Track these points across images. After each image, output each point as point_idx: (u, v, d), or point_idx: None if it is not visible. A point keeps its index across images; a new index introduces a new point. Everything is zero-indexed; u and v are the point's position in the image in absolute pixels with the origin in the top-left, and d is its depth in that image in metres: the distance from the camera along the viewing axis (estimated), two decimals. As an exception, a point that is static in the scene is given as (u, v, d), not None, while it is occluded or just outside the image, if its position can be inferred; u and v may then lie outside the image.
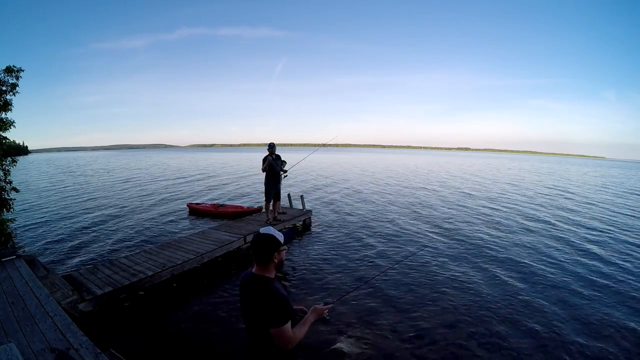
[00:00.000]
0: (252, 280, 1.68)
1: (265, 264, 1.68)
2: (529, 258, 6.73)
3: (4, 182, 6.58)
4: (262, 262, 1.68)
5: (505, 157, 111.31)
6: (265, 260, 1.67)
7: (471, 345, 3.75)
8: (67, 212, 11.25)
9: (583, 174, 33.78)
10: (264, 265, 1.68)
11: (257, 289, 1.63)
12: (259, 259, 1.68)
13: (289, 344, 1.60)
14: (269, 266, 1.69)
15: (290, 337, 1.59)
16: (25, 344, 2.72)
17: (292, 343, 1.61)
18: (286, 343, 1.59)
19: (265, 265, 1.68)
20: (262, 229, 1.75)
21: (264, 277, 1.66)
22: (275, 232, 1.71)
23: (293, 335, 1.61)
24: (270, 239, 1.68)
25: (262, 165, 7.23)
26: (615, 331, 4.11)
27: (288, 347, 1.61)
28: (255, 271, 1.70)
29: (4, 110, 6.37)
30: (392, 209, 11.80)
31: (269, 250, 1.66)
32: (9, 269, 4.36)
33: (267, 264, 1.68)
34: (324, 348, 3.61)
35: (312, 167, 30.84)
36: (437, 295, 5.00)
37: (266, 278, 1.66)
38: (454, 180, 23.09)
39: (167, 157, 61.67)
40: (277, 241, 1.68)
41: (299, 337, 1.65)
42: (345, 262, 6.34)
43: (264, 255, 1.66)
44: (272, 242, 1.68)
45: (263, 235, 1.69)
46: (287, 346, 1.61)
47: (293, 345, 1.63)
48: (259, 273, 1.68)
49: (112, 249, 7.15)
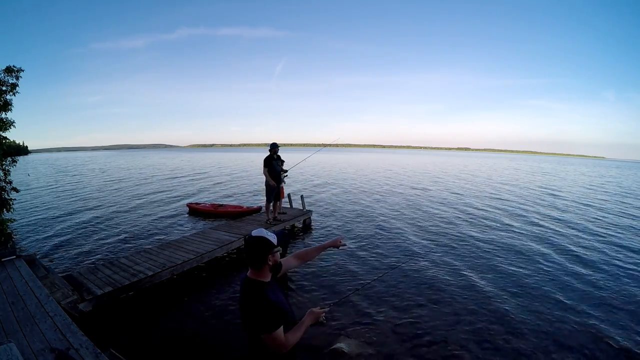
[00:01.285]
0: (246, 284, 1.64)
1: (258, 267, 1.63)
2: (531, 258, 6.73)
3: (4, 182, 6.58)
4: (256, 265, 1.63)
5: (505, 157, 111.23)
6: (259, 263, 1.62)
7: (471, 345, 3.75)
8: (67, 212, 11.24)
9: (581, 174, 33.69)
10: (258, 269, 1.63)
11: (248, 294, 1.60)
12: (252, 262, 1.63)
13: (281, 348, 1.57)
14: (262, 270, 1.64)
15: (282, 342, 1.56)
16: (25, 344, 2.72)
17: (285, 348, 1.58)
18: (278, 348, 1.57)
19: (258, 269, 1.63)
20: (254, 231, 1.67)
21: (257, 282, 1.62)
22: (267, 234, 1.64)
23: (285, 340, 1.57)
24: (262, 241, 1.61)
25: (265, 168, 7.20)
26: (614, 330, 4.11)
27: (281, 351, 1.58)
28: (249, 275, 1.65)
29: (4, 110, 6.37)
30: (393, 209, 11.80)
31: (261, 254, 1.61)
32: (9, 269, 4.37)
33: (260, 268, 1.63)
34: (324, 348, 3.61)
35: (312, 167, 30.82)
36: (437, 296, 4.99)
37: (259, 283, 1.62)
38: (456, 180, 23.08)
39: (167, 157, 61.63)
40: (269, 243, 1.62)
41: (293, 341, 1.62)
42: (345, 262, 6.33)
43: (257, 259, 1.61)
44: (265, 244, 1.61)
45: (254, 238, 1.62)
46: (281, 350, 1.58)
47: (287, 350, 1.60)
48: (253, 277, 1.64)
49: (112, 249, 7.15)
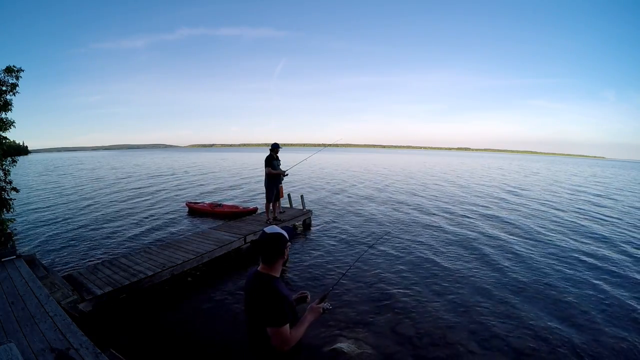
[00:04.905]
0: (256, 278, 1.66)
1: (272, 262, 1.67)
2: (533, 258, 6.73)
3: (4, 182, 6.57)
4: (270, 261, 1.66)
5: (501, 157, 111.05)
6: (273, 258, 1.66)
7: (471, 345, 3.75)
8: (67, 212, 11.24)
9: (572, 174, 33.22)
10: (271, 264, 1.67)
11: (259, 287, 1.62)
12: (266, 258, 1.66)
13: (285, 345, 1.57)
14: (275, 264, 1.68)
15: (287, 338, 1.56)
16: (25, 344, 2.72)
17: (289, 345, 1.58)
18: (282, 344, 1.56)
19: (272, 264, 1.67)
20: (267, 228, 1.72)
21: (269, 276, 1.65)
22: (281, 230, 1.71)
23: (290, 337, 1.58)
24: (279, 237, 1.67)
25: (268, 169, 7.20)
26: (612, 331, 4.11)
27: (284, 348, 1.57)
28: (260, 269, 1.69)
29: (4, 110, 6.35)
30: (393, 209, 11.80)
31: (278, 249, 1.66)
32: (9, 269, 4.36)
33: (274, 263, 1.67)
34: (324, 348, 3.61)
35: (313, 167, 30.83)
36: (438, 295, 5.00)
37: (271, 277, 1.65)
38: (457, 180, 23.08)
39: (166, 157, 61.62)
40: (285, 239, 1.68)
41: (296, 338, 1.62)
42: (345, 262, 6.33)
43: (273, 254, 1.65)
44: (281, 240, 1.67)
45: (272, 235, 1.67)
46: (283, 348, 1.57)
47: (289, 347, 1.59)
48: (265, 272, 1.67)
49: (112, 249, 7.15)
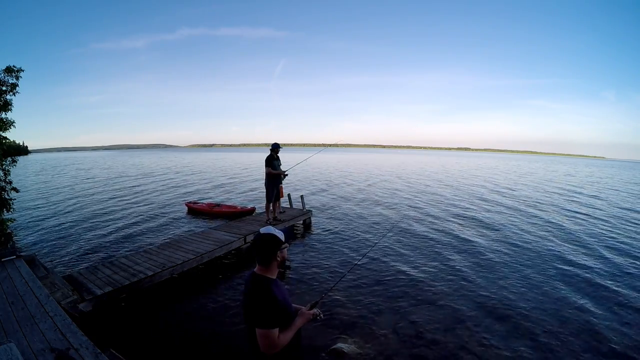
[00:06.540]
0: (253, 279, 1.66)
1: (267, 264, 1.66)
2: (533, 257, 6.74)
3: (4, 182, 6.58)
4: (265, 262, 1.66)
5: (499, 157, 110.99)
6: (268, 260, 1.65)
7: (471, 344, 3.75)
8: (67, 212, 11.25)
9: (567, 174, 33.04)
10: (267, 266, 1.67)
11: (254, 289, 1.61)
12: (261, 259, 1.66)
13: (270, 348, 1.54)
14: (271, 266, 1.67)
15: (274, 342, 1.54)
16: (25, 344, 2.72)
17: (274, 349, 1.55)
18: (268, 347, 1.53)
19: (267, 265, 1.67)
20: (262, 229, 1.72)
21: (265, 278, 1.65)
22: (275, 231, 1.70)
23: (277, 341, 1.55)
24: (272, 238, 1.67)
25: (268, 169, 7.19)
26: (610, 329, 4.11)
27: (269, 352, 1.55)
28: (257, 271, 1.69)
29: (4, 110, 6.36)
30: (394, 209, 11.80)
31: (271, 250, 1.65)
32: (9, 269, 4.36)
33: (269, 264, 1.67)
34: (324, 348, 3.61)
35: (313, 167, 30.82)
36: (438, 295, 5.00)
37: (267, 279, 1.65)
38: (460, 180, 23.08)
39: (166, 157, 61.61)
40: (278, 240, 1.67)
41: (283, 343, 1.59)
42: (345, 262, 6.33)
43: (266, 256, 1.65)
44: (274, 241, 1.66)
45: (264, 235, 1.67)
46: (269, 351, 1.54)
47: (274, 352, 1.56)
48: (261, 273, 1.67)
49: (112, 249, 7.16)
